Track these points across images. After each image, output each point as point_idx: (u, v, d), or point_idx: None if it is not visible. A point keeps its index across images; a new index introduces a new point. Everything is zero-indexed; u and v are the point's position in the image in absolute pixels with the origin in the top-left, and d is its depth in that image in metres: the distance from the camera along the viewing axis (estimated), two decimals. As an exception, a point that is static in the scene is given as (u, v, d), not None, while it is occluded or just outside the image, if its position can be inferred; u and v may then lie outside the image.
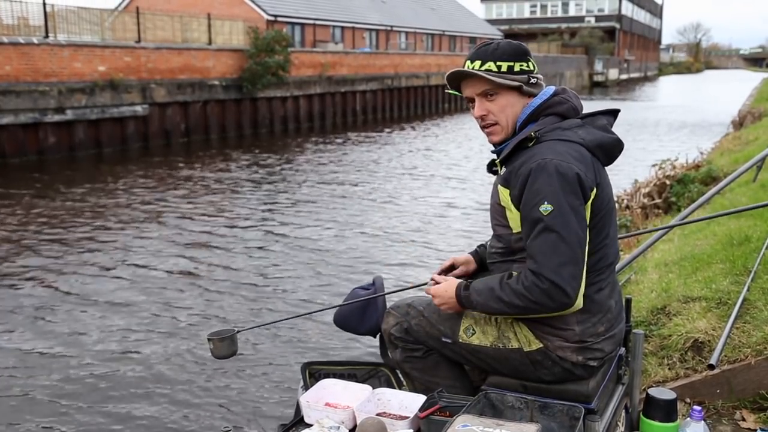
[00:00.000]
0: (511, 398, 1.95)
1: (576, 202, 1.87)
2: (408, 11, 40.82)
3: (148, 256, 8.47)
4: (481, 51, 2.04)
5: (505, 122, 2.06)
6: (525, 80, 2.03)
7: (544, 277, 1.84)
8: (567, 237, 1.85)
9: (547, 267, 1.84)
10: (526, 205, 1.90)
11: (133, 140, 18.06)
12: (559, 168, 1.87)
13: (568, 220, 1.85)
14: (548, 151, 1.92)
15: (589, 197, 1.91)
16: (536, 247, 1.87)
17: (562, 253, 1.84)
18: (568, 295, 1.85)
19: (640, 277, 4.38)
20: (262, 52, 22.03)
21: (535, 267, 1.86)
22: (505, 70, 2.01)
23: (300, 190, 13.00)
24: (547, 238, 1.85)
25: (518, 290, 1.89)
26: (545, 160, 1.89)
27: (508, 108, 2.04)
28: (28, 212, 10.83)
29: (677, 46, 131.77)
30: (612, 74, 62.69)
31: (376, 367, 2.47)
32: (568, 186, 1.87)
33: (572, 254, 1.85)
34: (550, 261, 1.84)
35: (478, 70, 2.02)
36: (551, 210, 1.85)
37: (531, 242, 1.89)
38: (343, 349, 5.64)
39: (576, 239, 1.86)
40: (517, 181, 1.93)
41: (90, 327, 6.23)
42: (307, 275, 7.79)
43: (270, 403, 4.87)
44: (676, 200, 7.78)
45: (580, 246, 1.87)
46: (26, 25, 17.36)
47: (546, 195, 1.86)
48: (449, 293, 2.07)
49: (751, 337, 3.02)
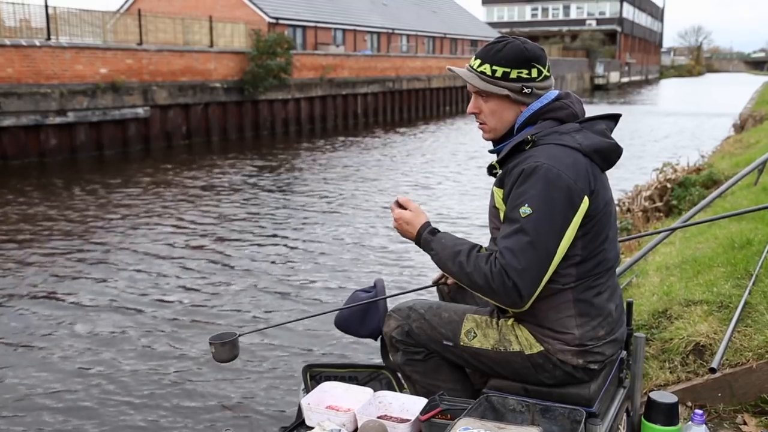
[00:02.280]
0: (513, 401, 1.95)
1: (557, 211, 1.88)
2: (409, 14, 40.88)
3: (148, 259, 8.47)
4: (486, 50, 2.07)
5: (493, 125, 2.09)
6: (516, 89, 2.02)
7: (508, 275, 1.87)
8: (536, 243, 1.87)
9: (512, 267, 1.87)
10: (510, 203, 1.94)
11: (134, 142, 18.09)
12: (548, 174, 1.89)
13: (542, 227, 1.87)
14: (543, 154, 1.93)
15: (578, 205, 1.91)
16: (507, 244, 1.90)
17: (529, 257, 1.87)
18: (522, 297, 1.88)
19: (642, 281, 4.37)
20: (263, 55, 22.05)
21: (504, 263, 1.89)
22: (498, 76, 2.02)
23: (301, 193, 13.01)
24: (518, 240, 1.88)
25: (484, 270, 1.91)
26: (537, 163, 1.91)
27: (497, 113, 2.07)
28: (28, 214, 10.84)
29: (678, 50, 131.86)
30: (613, 77, 62.73)
31: (377, 369, 2.47)
32: (553, 193, 1.88)
33: (537, 260, 1.87)
34: (516, 262, 1.87)
35: (474, 70, 2.06)
36: (529, 213, 1.88)
37: (503, 238, 1.92)
38: (344, 352, 5.64)
39: (544, 246, 1.88)
40: (509, 181, 1.96)
41: (89, 330, 6.24)
42: (308, 278, 7.79)
43: (271, 406, 4.87)
44: (677, 204, 7.76)
45: (546, 254, 1.89)
46: (28, 28, 17.39)
47: (529, 198, 1.89)
48: (412, 226, 2.11)
49: (753, 341, 3.01)
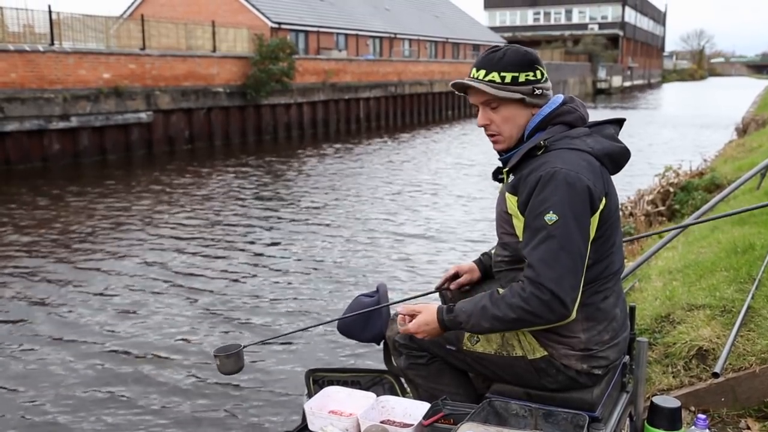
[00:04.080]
0: (515, 406, 1.94)
1: (581, 214, 1.86)
2: (411, 18, 40.92)
3: (151, 267, 8.47)
4: (487, 59, 2.03)
5: (508, 133, 2.05)
6: (529, 91, 2.00)
7: (545, 287, 1.82)
8: (569, 248, 1.83)
9: (548, 277, 1.82)
10: (531, 212, 1.89)
11: (137, 147, 18.12)
12: (567, 178, 1.86)
13: (571, 232, 1.84)
14: (557, 159, 1.91)
15: (598, 207, 1.89)
16: (537, 255, 1.85)
17: (564, 263, 1.82)
18: (566, 306, 1.83)
19: (644, 285, 4.37)
20: (266, 60, 22.08)
21: (535, 276, 1.84)
22: (508, 81, 1.99)
23: (303, 198, 13.01)
24: (549, 248, 1.83)
25: (514, 303, 1.86)
26: (555, 168, 1.88)
27: (510, 119, 2.03)
28: (31, 219, 10.86)
29: (680, 54, 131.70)
30: (615, 81, 62.71)
31: (380, 374, 2.47)
32: (575, 197, 1.85)
33: (573, 265, 1.84)
34: (551, 271, 1.82)
35: (482, 80, 2.01)
36: (556, 219, 1.84)
37: (532, 250, 1.87)
38: (347, 357, 5.63)
39: (577, 251, 1.84)
40: (525, 188, 1.92)
41: (92, 338, 6.22)
42: (311, 283, 7.79)
43: (275, 410, 4.87)
44: (680, 208, 7.75)
45: (580, 258, 1.85)
46: (32, 33, 17.45)
47: (552, 204, 1.85)
48: (431, 325, 2.03)
49: (756, 345, 3.01)
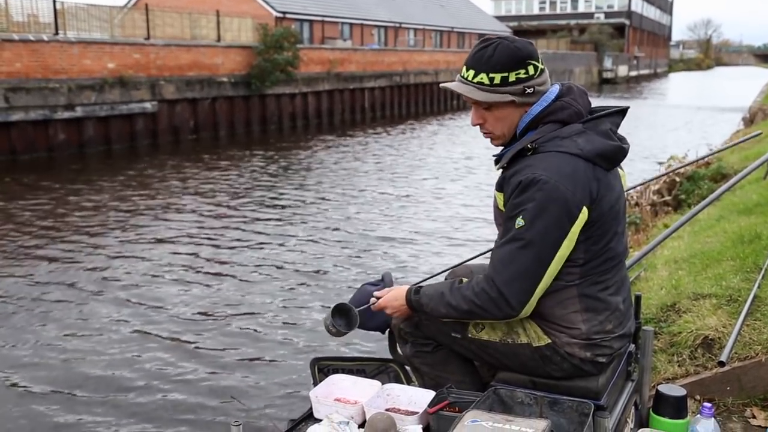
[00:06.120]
0: (521, 394, 1.95)
1: (552, 224, 1.87)
2: (416, 8, 40.76)
3: (159, 251, 8.50)
4: (476, 58, 1.99)
5: (501, 132, 2.07)
6: (519, 91, 1.97)
7: (495, 285, 1.90)
8: (528, 253, 1.88)
9: (500, 277, 1.90)
10: (507, 213, 1.94)
11: (142, 137, 18.12)
12: (545, 186, 1.86)
13: (535, 240, 1.87)
14: (541, 164, 1.90)
15: (577, 216, 1.89)
16: (497, 255, 1.93)
17: (519, 267, 1.88)
18: (512, 307, 1.90)
19: (650, 274, 4.36)
20: (270, 49, 22.03)
21: (491, 273, 1.92)
22: (497, 83, 1.96)
23: (309, 187, 13.02)
24: (509, 250, 1.90)
25: (467, 295, 1.95)
26: (534, 175, 1.88)
27: (502, 119, 2.04)
28: (36, 208, 10.90)
29: (687, 43, 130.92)
30: (621, 71, 62.38)
31: (385, 362, 2.47)
32: (550, 205, 1.86)
33: (528, 270, 1.89)
34: (505, 271, 1.90)
35: (470, 82, 2.00)
36: (522, 225, 1.88)
37: (496, 249, 1.95)
38: (353, 345, 5.65)
39: (537, 258, 1.88)
40: (508, 188, 1.95)
41: (101, 322, 6.27)
42: (317, 272, 7.80)
43: (281, 398, 4.89)
44: (686, 198, 7.74)
45: (539, 264, 1.89)
46: (36, 23, 17.45)
47: (524, 210, 1.88)
48: (399, 300, 2.14)
49: (762, 335, 3.01)
